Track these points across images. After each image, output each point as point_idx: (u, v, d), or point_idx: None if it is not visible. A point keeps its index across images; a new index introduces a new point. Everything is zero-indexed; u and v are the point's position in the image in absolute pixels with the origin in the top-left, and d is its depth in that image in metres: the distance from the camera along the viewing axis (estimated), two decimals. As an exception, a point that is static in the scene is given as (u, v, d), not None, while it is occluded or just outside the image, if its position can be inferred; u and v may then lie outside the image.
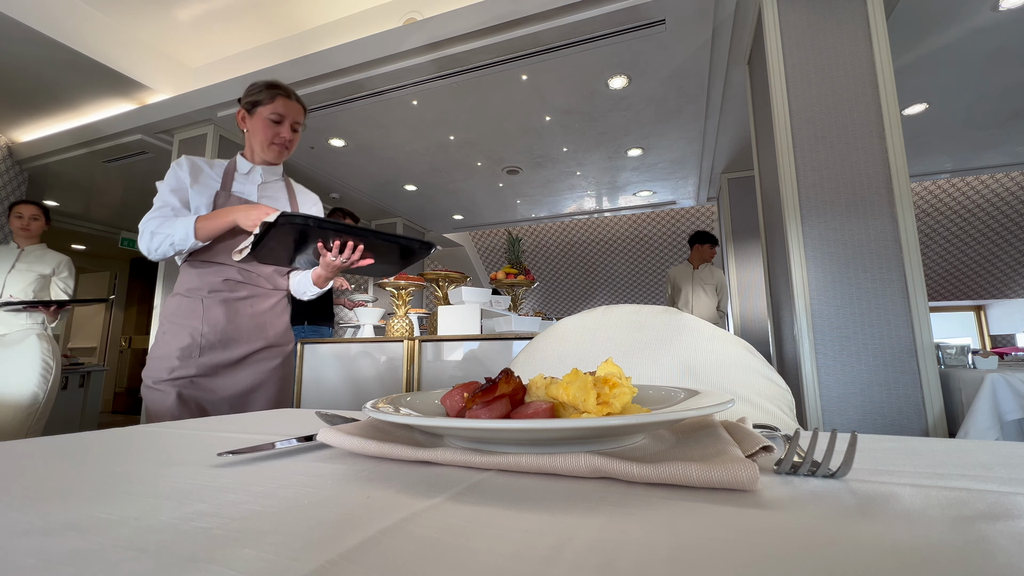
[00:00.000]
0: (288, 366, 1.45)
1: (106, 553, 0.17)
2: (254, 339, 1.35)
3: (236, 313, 1.33)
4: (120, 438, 0.40)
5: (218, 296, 1.32)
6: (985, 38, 2.86)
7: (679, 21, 2.71)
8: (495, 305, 2.42)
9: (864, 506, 0.21)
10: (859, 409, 1.89)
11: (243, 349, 1.33)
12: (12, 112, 3.89)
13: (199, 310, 1.30)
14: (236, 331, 1.33)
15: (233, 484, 0.26)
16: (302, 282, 1.40)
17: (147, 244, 1.25)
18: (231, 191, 1.35)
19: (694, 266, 4.30)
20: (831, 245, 1.98)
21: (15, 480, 0.27)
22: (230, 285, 1.34)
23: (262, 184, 1.41)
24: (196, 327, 1.29)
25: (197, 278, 1.32)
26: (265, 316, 1.39)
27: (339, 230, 1.08)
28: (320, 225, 1.04)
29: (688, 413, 0.29)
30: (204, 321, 1.29)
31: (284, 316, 1.44)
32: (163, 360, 1.27)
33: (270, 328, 1.40)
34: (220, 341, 1.30)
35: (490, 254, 7.94)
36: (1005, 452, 0.32)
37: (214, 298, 1.31)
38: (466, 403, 0.36)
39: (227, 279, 1.33)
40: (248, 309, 1.36)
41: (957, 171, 5.03)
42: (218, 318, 1.31)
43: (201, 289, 1.32)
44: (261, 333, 1.37)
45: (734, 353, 0.70)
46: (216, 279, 1.32)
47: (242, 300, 1.35)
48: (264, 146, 1.37)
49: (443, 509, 0.22)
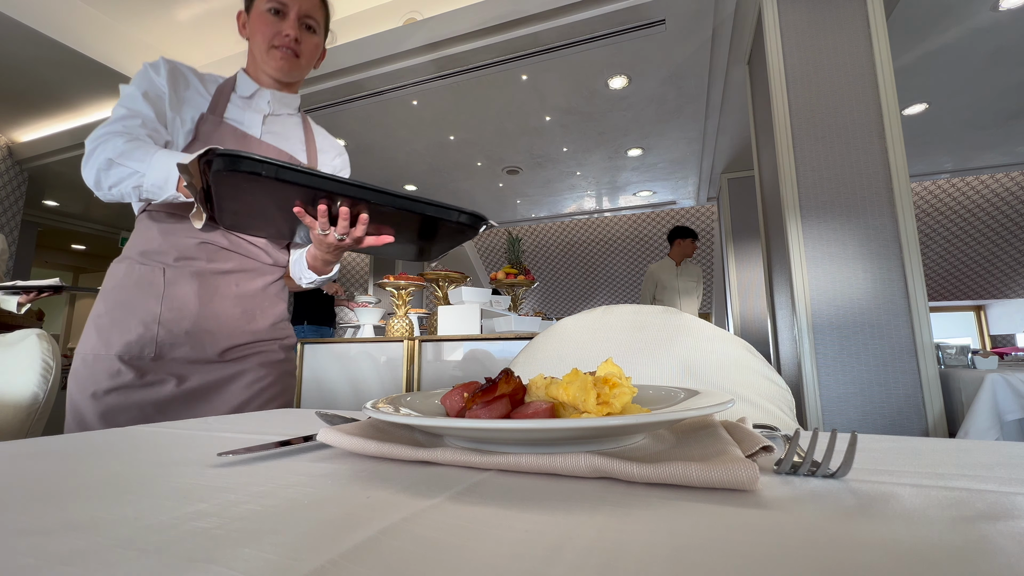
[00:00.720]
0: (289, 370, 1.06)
1: (106, 553, 0.17)
2: (238, 332, 0.95)
3: (214, 293, 0.92)
4: (120, 438, 0.40)
5: (189, 266, 0.91)
6: (985, 38, 2.86)
7: (679, 21, 2.71)
8: (495, 305, 2.42)
9: (864, 506, 0.21)
10: (859, 409, 1.89)
11: (220, 344, 0.93)
12: (12, 112, 3.89)
13: (158, 284, 0.88)
14: (213, 319, 0.92)
15: (233, 484, 0.26)
16: (297, 263, 1.01)
17: (97, 174, 0.81)
18: (223, 116, 0.95)
19: (676, 262, 4.14)
20: (831, 245, 1.98)
21: (15, 480, 0.27)
22: (209, 252, 0.92)
23: (270, 116, 1.01)
24: (151, 310, 0.87)
25: (160, 237, 0.90)
26: (256, 300, 0.99)
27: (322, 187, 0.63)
28: (279, 176, 0.59)
29: (688, 413, 0.29)
30: (164, 301, 0.88)
31: (281, 301, 1.06)
32: (95, 363, 0.85)
33: (262, 316, 1.00)
34: (188, 333, 0.89)
35: (490, 254, 7.93)
36: (1005, 452, 0.32)
37: (183, 269, 0.90)
38: (466, 403, 0.36)
39: (205, 243, 0.92)
40: (232, 288, 0.95)
41: (957, 171, 5.03)
42: (187, 299, 0.89)
43: (164, 253, 0.90)
44: (249, 323, 0.97)
45: (734, 353, 0.70)
46: (189, 241, 0.91)
47: (224, 275, 0.94)
48: (263, 51, 0.96)
49: (443, 509, 0.22)
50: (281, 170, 0.60)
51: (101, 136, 0.83)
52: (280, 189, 0.64)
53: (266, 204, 0.70)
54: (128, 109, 0.88)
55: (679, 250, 4.11)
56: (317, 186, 0.64)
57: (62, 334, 7.65)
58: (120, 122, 0.86)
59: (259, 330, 1.00)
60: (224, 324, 0.94)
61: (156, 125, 0.89)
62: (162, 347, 0.88)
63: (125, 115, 0.87)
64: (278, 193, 0.66)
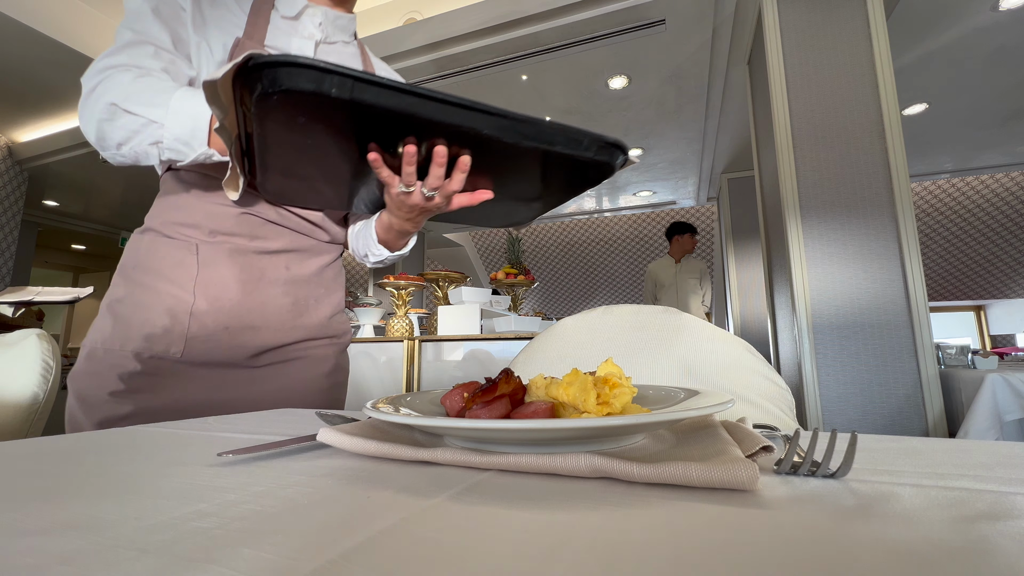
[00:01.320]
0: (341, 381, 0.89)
1: (106, 553, 0.17)
2: (288, 326, 0.77)
3: (260, 278, 0.74)
4: (120, 438, 0.40)
5: (228, 243, 0.72)
6: (985, 38, 2.86)
7: (679, 21, 2.71)
8: (495, 305, 2.42)
9: (864, 506, 0.22)
10: (859, 409, 1.89)
11: (265, 340, 0.74)
12: (12, 112, 3.89)
13: (189, 265, 0.70)
14: (258, 311, 0.74)
15: (233, 484, 0.26)
16: (362, 236, 0.81)
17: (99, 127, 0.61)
18: (264, 42, 0.72)
19: (676, 259, 4.02)
20: (831, 245, 1.98)
21: (15, 480, 0.27)
22: (253, 225, 0.74)
23: (322, 44, 0.78)
24: (182, 298, 0.69)
25: (192, 203, 0.72)
26: (310, 286, 0.80)
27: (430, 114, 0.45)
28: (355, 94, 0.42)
29: (688, 413, 0.29)
30: (199, 288, 0.70)
31: (339, 288, 0.87)
32: (105, 359, 0.67)
33: (316, 308, 0.81)
34: (227, 329, 0.71)
35: (490, 254, 7.93)
36: (1005, 452, 0.32)
37: (220, 246, 0.72)
38: (466, 403, 0.36)
39: (248, 213, 0.73)
40: (281, 271, 0.76)
41: (957, 171, 5.03)
42: (226, 285, 0.71)
43: (197, 226, 0.71)
44: (300, 316, 0.78)
45: (734, 353, 0.70)
46: (228, 210, 0.72)
47: (272, 255, 0.76)
48: None
49: (443, 509, 0.22)
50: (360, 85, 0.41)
51: (100, 71, 0.61)
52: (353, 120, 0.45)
53: (326, 153, 0.52)
54: (135, 32, 0.63)
55: (678, 247, 4.02)
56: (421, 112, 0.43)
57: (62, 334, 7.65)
58: (125, 51, 0.62)
59: (312, 325, 0.80)
60: (271, 318, 0.75)
61: (174, 54, 0.66)
62: (192, 345, 0.69)
63: (131, 41, 0.63)
64: (347, 128, 0.47)
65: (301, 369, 0.80)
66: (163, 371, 0.69)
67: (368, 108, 0.43)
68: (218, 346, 0.71)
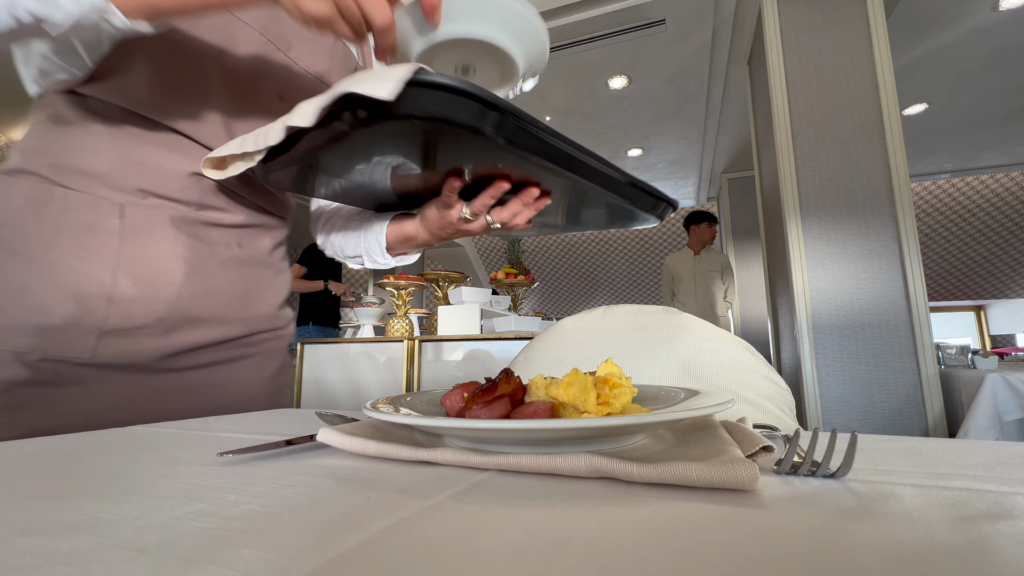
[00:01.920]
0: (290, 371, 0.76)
1: (106, 553, 0.17)
2: (236, 317, 0.62)
3: (210, 256, 0.59)
4: (120, 438, 0.40)
5: (169, 209, 0.55)
6: (985, 38, 2.86)
7: (679, 21, 2.71)
8: (495, 305, 2.42)
9: (864, 506, 0.22)
10: (859, 409, 1.89)
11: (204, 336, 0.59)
12: (12, 112, 3.89)
13: (108, 232, 0.51)
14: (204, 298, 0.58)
15: (233, 484, 0.26)
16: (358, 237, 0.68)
17: None
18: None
19: (695, 251, 3.66)
20: (831, 245, 1.98)
21: (15, 480, 0.27)
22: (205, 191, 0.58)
23: None
24: (94, 277, 0.51)
25: (109, 146, 0.53)
26: (261, 270, 0.66)
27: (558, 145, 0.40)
28: (523, 125, 0.37)
29: (688, 413, 0.29)
30: (121, 264, 0.52)
31: (286, 272, 0.72)
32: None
33: (266, 296, 0.67)
34: (161, 321, 0.54)
35: (490, 254, 7.93)
36: (1005, 452, 0.32)
37: (157, 212, 0.54)
38: (466, 403, 0.36)
39: (199, 174, 0.56)
40: (234, 250, 0.62)
41: (957, 171, 5.03)
42: (165, 263, 0.55)
43: (120, 180, 0.53)
44: (251, 306, 0.64)
45: (734, 353, 0.70)
46: (173, 168, 0.55)
47: (225, 230, 0.61)
48: None
49: (443, 509, 0.22)
50: (519, 130, 0.36)
51: None
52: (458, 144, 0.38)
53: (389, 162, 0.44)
54: None
55: (696, 237, 3.64)
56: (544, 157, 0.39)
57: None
58: None
59: (259, 316, 0.65)
60: (219, 308, 0.60)
61: None
62: (108, 343, 0.50)
63: None
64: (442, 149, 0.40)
65: (245, 370, 0.65)
66: (62, 378, 0.50)
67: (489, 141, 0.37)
68: (144, 344, 0.54)
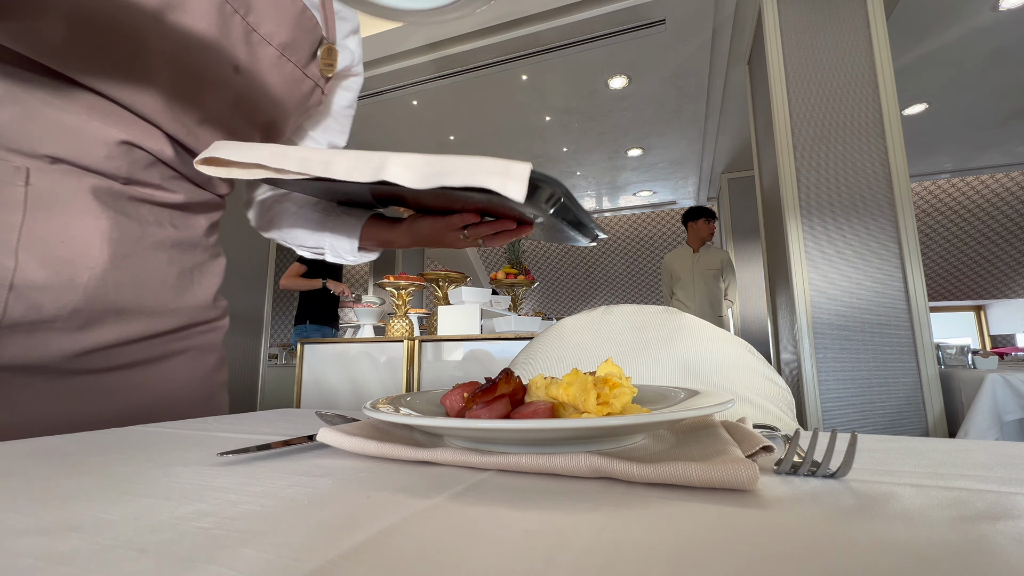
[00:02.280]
0: (225, 368, 0.67)
1: (106, 553, 0.17)
2: (168, 308, 0.56)
3: (140, 236, 0.52)
4: (120, 438, 0.40)
5: (89, 180, 0.48)
6: (985, 38, 2.86)
7: (679, 21, 2.71)
8: (495, 305, 2.42)
9: (864, 506, 0.21)
10: (859, 409, 1.89)
11: (130, 331, 0.51)
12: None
13: (9, 203, 0.43)
14: (131, 285, 0.51)
15: (233, 484, 0.26)
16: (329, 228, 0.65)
17: None
18: None
19: (694, 249, 3.57)
20: (831, 245, 1.98)
21: (15, 480, 0.27)
22: (135, 162, 0.50)
23: None
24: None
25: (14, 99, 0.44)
26: (196, 253, 0.60)
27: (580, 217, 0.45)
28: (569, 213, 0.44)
29: (688, 413, 0.29)
30: (25, 243, 0.43)
31: (221, 252, 0.65)
32: None
33: (200, 282, 0.60)
34: (76, 312, 0.46)
35: (490, 254, 7.93)
36: (1005, 452, 0.32)
37: (74, 182, 0.47)
38: (466, 403, 0.36)
39: (131, 143, 0.49)
40: (168, 230, 0.56)
41: (957, 171, 5.03)
42: (85, 242, 0.47)
43: (20, 142, 0.44)
44: (184, 294, 0.57)
45: (734, 353, 0.70)
46: (98, 133, 0.47)
47: (158, 209, 0.55)
48: None
49: (443, 509, 0.22)
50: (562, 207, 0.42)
51: None
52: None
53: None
54: None
55: (694, 234, 3.57)
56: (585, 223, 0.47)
57: None
58: None
59: (194, 306, 0.59)
60: (148, 297, 0.52)
61: None
62: (9, 339, 0.44)
63: None
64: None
65: (177, 368, 0.57)
66: None
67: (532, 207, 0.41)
68: (55, 341, 0.46)
